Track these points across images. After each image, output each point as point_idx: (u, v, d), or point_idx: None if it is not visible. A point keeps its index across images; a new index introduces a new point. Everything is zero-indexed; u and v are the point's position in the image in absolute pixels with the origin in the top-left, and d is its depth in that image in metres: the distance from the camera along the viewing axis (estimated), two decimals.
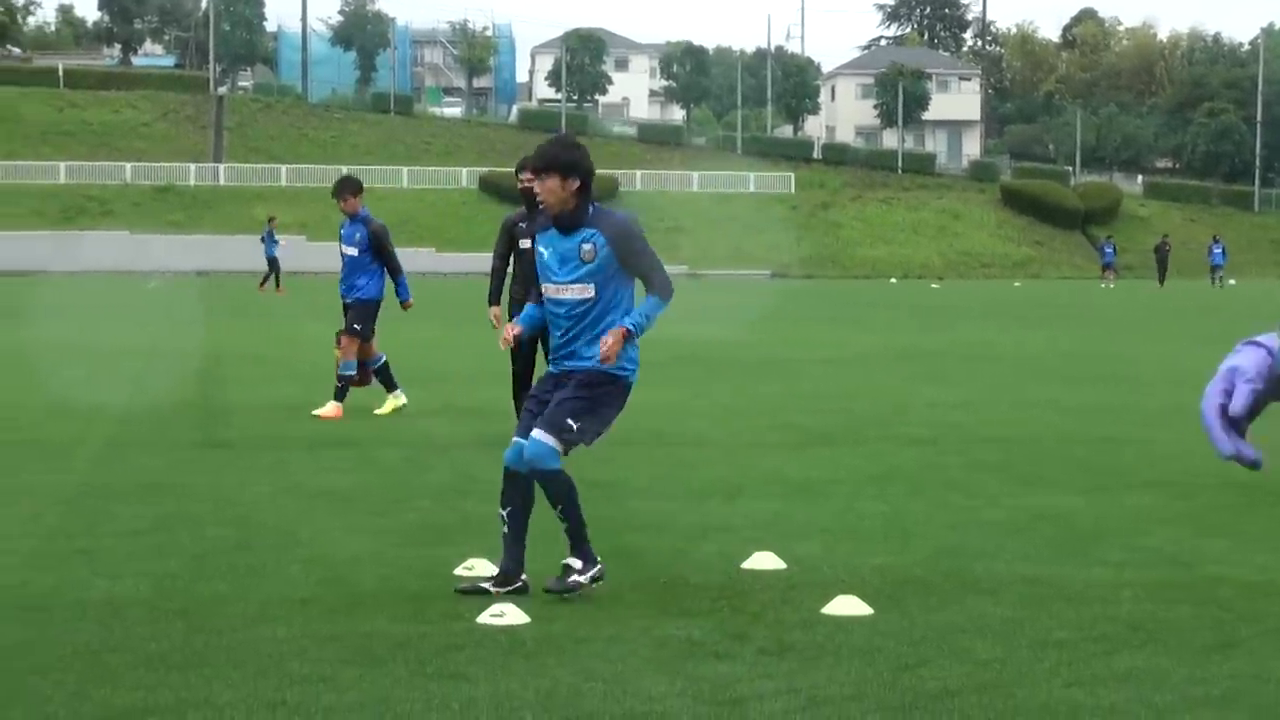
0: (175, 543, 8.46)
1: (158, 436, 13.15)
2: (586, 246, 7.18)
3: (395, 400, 14.91)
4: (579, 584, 7.17)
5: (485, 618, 6.65)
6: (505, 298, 12.72)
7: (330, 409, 14.60)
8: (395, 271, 14.90)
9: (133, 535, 8.66)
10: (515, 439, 7.28)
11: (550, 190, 7.19)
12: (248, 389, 17.23)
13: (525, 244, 12.58)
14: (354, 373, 14.73)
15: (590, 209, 7.26)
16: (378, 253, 14.74)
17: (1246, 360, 3.39)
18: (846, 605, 6.88)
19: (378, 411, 14.71)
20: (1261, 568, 7.92)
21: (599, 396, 7.21)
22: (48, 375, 18.70)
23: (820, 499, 10.08)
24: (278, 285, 46.68)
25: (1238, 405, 3.35)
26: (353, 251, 14.80)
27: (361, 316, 14.74)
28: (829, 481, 10.82)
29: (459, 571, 7.61)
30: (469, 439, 12.99)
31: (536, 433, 7.12)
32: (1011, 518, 9.38)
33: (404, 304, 15.23)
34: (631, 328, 7.14)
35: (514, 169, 12.84)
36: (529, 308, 7.67)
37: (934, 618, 6.80)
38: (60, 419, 14.07)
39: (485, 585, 7.25)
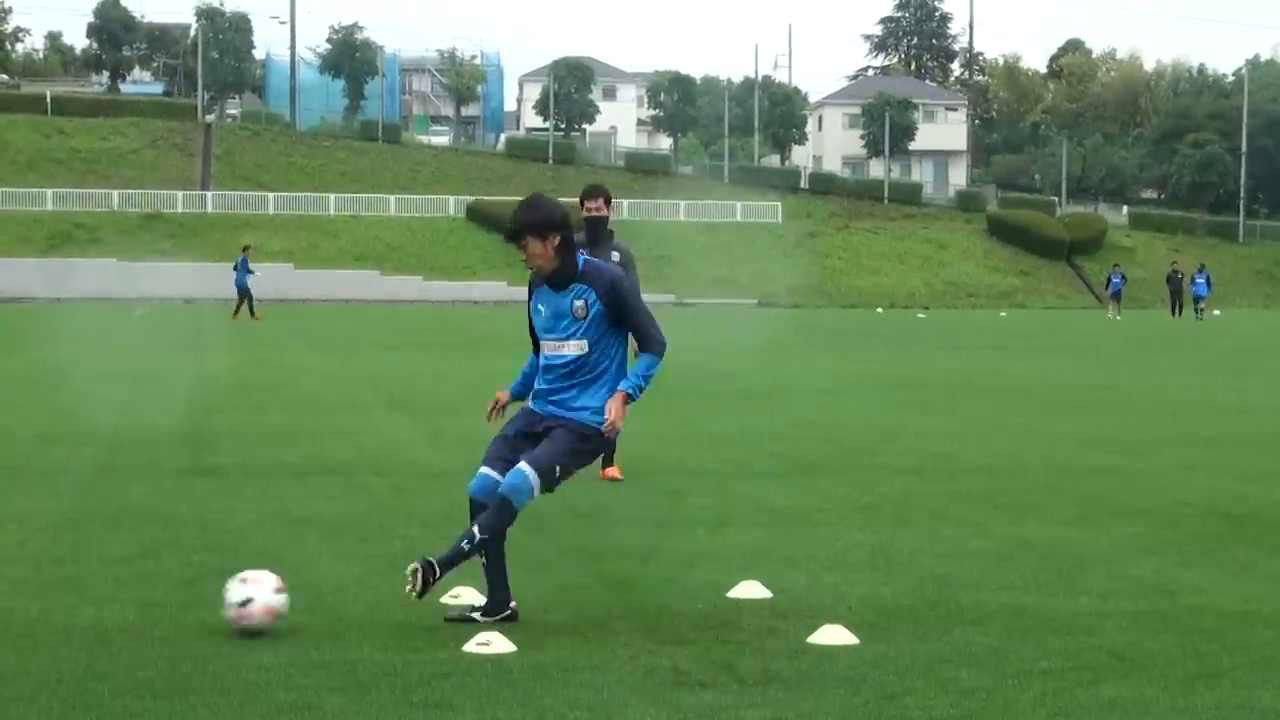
0: (162, 569, 8.46)
1: (145, 463, 13.13)
2: (579, 303, 7.21)
3: None
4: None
5: (472, 646, 6.66)
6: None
7: None
8: None
9: (119, 562, 8.66)
10: (484, 470, 7.26)
11: (534, 254, 7.19)
12: (235, 416, 17.22)
13: None
14: None
15: (580, 262, 7.26)
16: None
17: None
18: (832, 634, 6.89)
19: None
20: (1246, 597, 7.95)
21: (583, 451, 7.27)
22: (35, 401, 18.67)
23: (807, 528, 10.10)
24: (252, 313, 46.26)
25: None
26: None
27: None
28: (816, 510, 10.83)
29: (446, 600, 7.61)
30: (457, 467, 12.98)
31: (524, 466, 7.12)
32: (997, 547, 9.40)
33: None
34: (631, 391, 7.20)
35: (579, 198, 12.53)
36: (526, 365, 7.59)
37: (919, 647, 6.82)
38: (47, 445, 14.04)
39: (474, 615, 7.23)
